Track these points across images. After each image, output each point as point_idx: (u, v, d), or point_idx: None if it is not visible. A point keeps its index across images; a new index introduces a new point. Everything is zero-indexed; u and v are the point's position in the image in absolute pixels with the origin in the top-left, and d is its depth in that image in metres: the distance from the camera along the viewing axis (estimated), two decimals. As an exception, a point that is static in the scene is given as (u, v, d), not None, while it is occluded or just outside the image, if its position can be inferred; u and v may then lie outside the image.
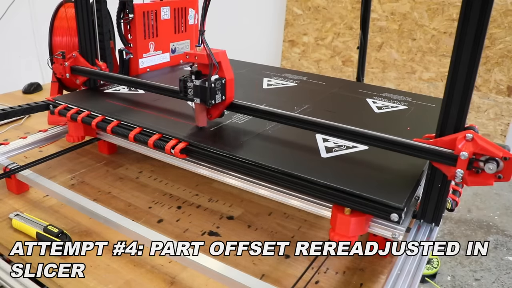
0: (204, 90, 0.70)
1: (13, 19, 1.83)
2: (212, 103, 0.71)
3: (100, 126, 0.80)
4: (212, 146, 0.68)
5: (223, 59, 0.72)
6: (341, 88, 1.03)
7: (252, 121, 0.79)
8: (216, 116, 0.76)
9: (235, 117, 0.81)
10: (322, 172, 0.62)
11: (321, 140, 0.72)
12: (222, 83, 0.72)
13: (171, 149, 0.70)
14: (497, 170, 0.51)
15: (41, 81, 1.53)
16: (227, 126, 0.77)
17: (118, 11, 1.03)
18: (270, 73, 1.15)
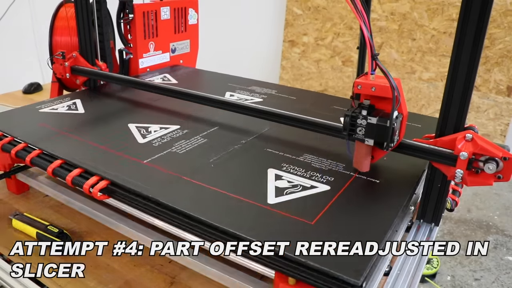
0: (383, 130, 0.56)
1: (13, 19, 1.83)
2: (391, 146, 0.57)
3: (20, 155, 0.68)
4: (133, 187, 0.57)
5: (399, 89, 0.56)
6: (312, 105, 0.91)
7: (194, 151, 0.69)
8: (378, 158, 0.62)
9: (179, 144, 0.71)
10: (263, 226, 0.50)
11: (272, 178, 0.60)
12: (400, 121, 0.58)
13: (90, 188, 0.59)
14: (496, 170, 0.51)
15: (41, 81, 1.53)
16: (163, 157, 0.66)
17: (118, 11, 1.03)
18: (237, 85, 1.03)
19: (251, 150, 0.69)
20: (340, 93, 2.89)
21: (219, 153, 0.67)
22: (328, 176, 0.61)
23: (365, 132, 0.57)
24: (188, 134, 0.75)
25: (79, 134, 0.74)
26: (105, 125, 0.79)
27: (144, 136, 0.74)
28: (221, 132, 0.77)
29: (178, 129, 0.77)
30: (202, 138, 0.73)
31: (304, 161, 0.66)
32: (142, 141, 0.72)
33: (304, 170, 0.63)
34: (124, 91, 0.99)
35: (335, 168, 0.63)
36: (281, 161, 0.65)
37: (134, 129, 0.77)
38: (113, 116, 0.83)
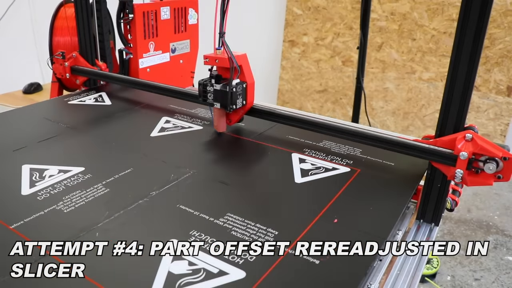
0: (225, 95, 0.67)
1: (13, 19, 1.83)
2: (233, 108, 0.69)
3: None
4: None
5: (243, 62, 0.69)
6: (261, 134, 0.78)
7: (84, 207, 0.55)
8: (235, 121, 0.74)
9: (70, 196, 0.57)
10: None
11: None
12: (243, 88, 0.69)
13: None
14: (496, 170, 0.51)
15: (41, 81, 1.53)
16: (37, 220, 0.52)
17: (118, 11, 1.03)
18: (178, 108, 0.90)
19: (158, 208, 0.55)
20: (340, 93, 2.89)
21: (114, 212, 0.53)
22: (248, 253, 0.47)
23: (214, 97, 0.69)
24: (89, 181, 0.61)
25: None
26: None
27: (33, 183, 0.60)
28: (132, 177, 0.62)
29: (81, 172, 0.63)
30: (104, 187, 0.59)
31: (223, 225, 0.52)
32: (27, 192, 0.58)
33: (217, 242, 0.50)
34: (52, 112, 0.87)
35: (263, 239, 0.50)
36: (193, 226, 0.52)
37: (26, 172, 0.63)
38: (12, 152, 0.69)
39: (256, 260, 0.46)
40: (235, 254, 0.47)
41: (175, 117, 0.86)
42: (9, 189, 0.59)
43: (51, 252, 0.47)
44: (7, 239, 0.49)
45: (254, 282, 0.42)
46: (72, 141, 0.75)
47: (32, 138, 0.74)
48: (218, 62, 0.67)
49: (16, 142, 0.72)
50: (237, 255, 0.47)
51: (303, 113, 0.78)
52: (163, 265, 0.45)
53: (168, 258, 0.46)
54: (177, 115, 0.87)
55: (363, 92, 1.67)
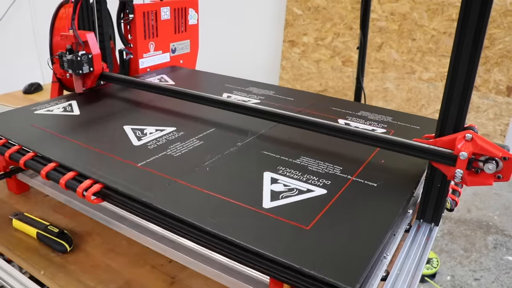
0: (72, 63, 0.88)
1: (13, 19, 1.83)
2: (80, 73, 0.89)
3: (14, 158, 0.67)
4: (127, 192, 0.56)
5: (90, 39, 0.89)
6: (310, 106, 0.91)
7: (189, 153, 0.68)
8: (90, 85, 0.93)
9: (174, 146, 0.70)
10: (259, 232, 0.49)
11: (268, 181, 0.60)
12: (88, 58, 0.89)
13: (83, 191, 0.58)
14: (496, 170, 0.52)
15: (41, 81, 1.53)
16: (158, 160, 0.65)
17: (118, 11, 1.03)
18: (233, 87, 1.03)
19: (247, 153, 0.69)
20: (340, 93, 2.89)
21: (214, 156, 0.66)
22: (324, 179, 0.61)
23: (67, 65, 0.89)
24: (184, 136, 0.74)
25: (74, 136, 0.73)
26: (100, 127, 0.78)
27: (139, 138, 0.73)
28: (218, 134, 0.76)
29: (174, 131, 0.76)
30: (198, 140, 0.72)
31: (300, 164, 0.65)
32: (137, 143, 0.71)
33: (300, 173, 0.62)
34: (121, 92, 0.99)
35: (332, 171, 0.63)
36: (278, 163, 0.65)
37: (129, 131, 0.76)
38: (109, 118, 0.82)
39: (332, 183, 0.60)
40: (316, 180, 0.60)
41: (233, 94, 0.99)
42: (122, 141, 0.72)
43: (178, 179, 0.60)
44: (140, 173, 0.61)
45: (333, 196, 0.56)
46: (155, 109, 0.89)
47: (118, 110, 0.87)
48: (68, 39, 0.90)
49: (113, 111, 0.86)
50: (317, 180, 0.60)
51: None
52: (266, 186, 0.58)
53: (268, 182, 0.60)
54: (235, 91, 1.00)
55: (363, 92, 1.67)
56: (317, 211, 0.53)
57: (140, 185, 0.57)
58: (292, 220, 0.51)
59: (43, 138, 0.72)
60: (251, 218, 0.51)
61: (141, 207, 0.55)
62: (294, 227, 0.50)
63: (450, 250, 1.84)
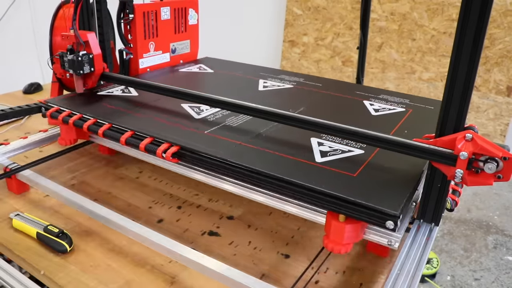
0: (73, 63, 0.87)
1: (13, 19, 1.83)
2: (81, 73, 0.88)
3: (92, 129, 0.78)
4: (204, 151, 0.66)
5: (91, 39, 0.88)
6: (337, 90, 1.02)
7: (247, 123, 0.78)
8: (91, 86, 0.92)
9: (230, 119, 0.80)
10: (316, 178, 0.60)
11: (316, 144, 0.71)
12: (89, 58, 0.88)
13: (162, 153, 0.68)
14: (496, 170, 0.51)
15: (41, 81, 1.53)
16: (220, 129, 0.75)
17: (118, 11, 1.03)
18: (267, 74, 1.13)
19: (291, 127, 0.74)
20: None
21: (266, 127, 0.76)
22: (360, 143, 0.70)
23: (68, 65, 0.88)
24: (234, 113, 0.82)
25: (140, 111, 0.83)
26: (160, 104, 0.87)
27: (198, 113, 0.82)
28: None
29: (223, 110, 0.84)
30: (247, 116, 0.80)
31: None
32: (198, 117, 0.81)
33: (339, 139, 0.72)
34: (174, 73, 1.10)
35: None
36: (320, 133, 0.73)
37: (187, 108, 0.85)
38: (165, 98, 0.89)
39: (367, 146, 0.69)
40: (353, 144, 0.70)
41: (268, 80, 1.07)
42: (184, 115, 0.81)
43: (244, 142, 0.70)
44: (208, 138, 0.71)
45: (369, 155, 0.66)
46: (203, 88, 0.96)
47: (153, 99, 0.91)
48: (69, 39, 0.89)
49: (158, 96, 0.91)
50: (354, 144, 0.70)
51: (303, 113, 0.79)
52: (315, 147, 0.69)
53: (316, 143, 0.70)
54: (269, 78, 1.09)
55: (363, 92, 1.67)
56: (359, 164, 0.64)
57: (212, 147, 0.67)
58: (341, 170, 0.62)
59: (113, 113, 0.82)
60: (310, 169, 0.62)
61: (217, 162, 0.64)
62: (344, 175, 0.61)
63: (450, 250, 1.84)
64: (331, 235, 0.56)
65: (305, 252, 0.68)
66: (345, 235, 0.55)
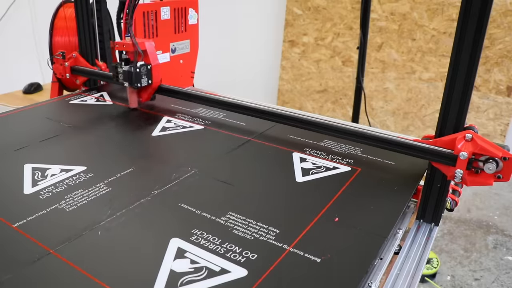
0: (130, 75, 0.79)
1: (13, 19, 1.83)
2: (138, 86, 0.80)
3: None
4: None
5: (149, 48, 0.80)
6: (262, 134, 0.78)
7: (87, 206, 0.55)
8: (146, 99, 0.85)
9: (70, 197, 0.57)
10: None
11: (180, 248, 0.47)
12: (147, 69, 0.81)
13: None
14: (496, 170, 0.52)
15: (41, 81, 1.54)
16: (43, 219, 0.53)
17: (118, 11, 1.03)
18: (179, 107, 0.91)
19: (160, 207, 0.56)
20: (340, 93, 2.89)
21: (116, 211, 0.54)
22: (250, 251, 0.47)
23: (123, 77, 0.80)
24: (91, 180, 0.62)
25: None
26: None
27: (35, 183, 0.61)
28: (134, 176, 0.63)
29: (82, 172, 0.64)
30: (106, 186, 0.60)
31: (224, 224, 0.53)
32: (30, 191, 0.59)
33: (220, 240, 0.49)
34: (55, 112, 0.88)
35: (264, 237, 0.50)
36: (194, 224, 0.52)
37: (28, 171, 0.64)
38: (14, 152, 0.70)
39: (258, 258, 0.46)
40: (237, 253, 0.47)
41: (176, 117, 0.86)
42: (11, 188, 0.59)
43: (54, 250, 0.47)
44: (9, 237, 0.49)
45: (255, 280, 0.42)
46: (73, 140, 0.76)
47: (34, 137, 0.75)
48: (125, 47, 0.80)
49: (18, 142, 0.73)
50: (239, 253, 0.47)
51: (303, 113, 0.78)
52: (165, 263, 0.45)
53: (170, 257, 0.46)
54: (178, 114, 0.88)
55: (363, 92, 1.67)
56: None
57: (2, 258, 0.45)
58: None
59: None
60: None
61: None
62: None
63: (450, 250, 1.84)
64: None
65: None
66: None
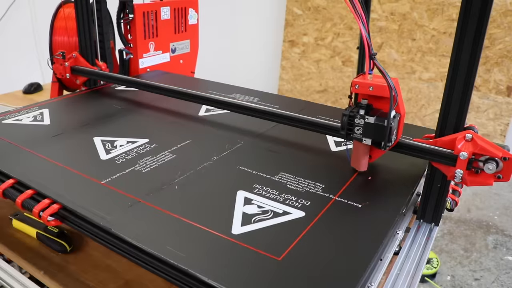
0: (381, 130, 0.56)
1: (13, 19, 1.83)
2: (389, 145, 0.57)
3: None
4: (87, 213, 0.52)
5: (396, 88, 0.56)
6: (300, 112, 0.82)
7: (159, 169, 0.64)
8: (376, 158, 0.63)
9: (142, 162, 0.66)
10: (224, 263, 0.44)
11: (241, 203, 0.55)
12: (398, 120, 0.58)
13: (39, 212, 0.54)
14: (496, 170, 0.52)
15: (41, 81, 1.54)
16: (124, 177, 0.61)
17: (118, 11, 1.03)
18: (217, 93, 0.95)
19: (222, 169, 0.64)
20: (340, 93, 2.89)
21: (186, 172, 0.62)
22: (304, 199, 0.55)
23: (363, 132, 0.58)
24: (156, 149, 0.70)
25: (38, 149, 0.68)
26: (69, 138, 0.74)
27: (108, 151, 0.69)
28: (193, 147, 0.72)
29: (146, 143, 0.72)
30: (171, 154, 0.68)
31: (279, 181, 0.61)
32: (105, 157, 0.67)
33: (278, 192, 0.57)
34: (104, 97, 0.95)
35: (313, 190, 0.58)
36: (254, 181, 0.60)
37: (99, 143, 0.72)
38: (80, 128, 0.78)
39: (311, 204, 0.55)
40: (294, 200, 0.55)
41: None
42: (89, 155, 0.68)
43: (143, 199, 0.55)
44: (102, 190, 0.57)
45: (312, 219, 0.52)
46: (131, 118, 0.84)
47: (94, 117, 0.83)
48: (373, 90, 0.56)
49: (82, 120, 0.81)
50: (295, 201, 0.55)
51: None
52: (237, 207, 0.54)
53: (240, 203, 0.55)
54: None
55: (363, 92, 1.67)
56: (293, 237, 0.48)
57: (99, 206, 0.53)
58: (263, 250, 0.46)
59: (6, 151, 0.68)
60: (217, 247, 0.46)
61: (98, 231, 0.51)
62: (265, 257, 0.44)
63: (450, 250, 1.84)
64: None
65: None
66: None
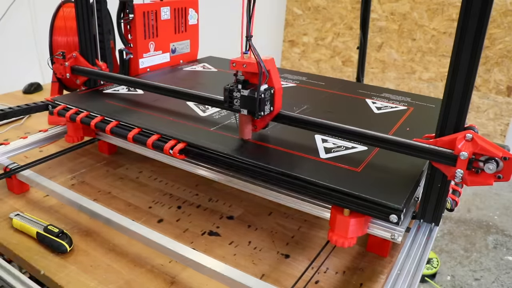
0: (253, 101, 0.65)
1: (13, 19, 1.83)
2: (261, 114, 0.66)
3: (99, 126, 0.80)
4: (210, 147, 0.68)
5: (271, 67, 0.66)
6: (340, 89, 1.03)
7: None
8: (261, 128, 0.72)
9: (232, 119, 0.81)
10: (321, 173, 0.61)
11: (320, 141, 0.72)
12: (271, 93, 0.67)
13: (169, 149, 0.70)
14: (496, 170, 0.51)
15: (41, 81, 1.53)
16: (226, 127, 0.77)
17: (118, 11, 1.03)
18: None
19: None
20: (340, 93, 2.89)
21: (270, 124, 0.74)
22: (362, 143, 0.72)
23: (240, 103, 0.67)
24: None
25: (146, 109, 0.85)
26: (166, 103, 0.89)
27: (203, 111, 0.85)
28: None
29: None
30: None
31: None
32: (203, 115, 0.83)
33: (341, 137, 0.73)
34: None
35: None
36: None
37: (193, 106, 0.87)
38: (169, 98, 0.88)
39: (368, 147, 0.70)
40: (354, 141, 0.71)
41: None
42: (191, 113, 0.83)
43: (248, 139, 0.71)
44: (211, 136, 0.73)
45: (371, 151, 0.68)
46: None
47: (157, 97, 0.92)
48: (246, 67, 0.65)
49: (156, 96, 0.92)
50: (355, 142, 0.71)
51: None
52: (318, 143, 0.71)
53: (320, 141, 0.72)
54: None
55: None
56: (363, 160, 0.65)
57: (218, 144, 0.69)
58: (346, 165, 0.63)
59: (119, 110, 0.84)
60: (315, 164, 0.64)
61: (224, 159, 0.66)
62: (348, 170, 0.62)
63: (450, 250, 1.84)
64: (336, 229, 0.57)
65: (305, 252, 0.68)
66: (349, 229, 0.56)
